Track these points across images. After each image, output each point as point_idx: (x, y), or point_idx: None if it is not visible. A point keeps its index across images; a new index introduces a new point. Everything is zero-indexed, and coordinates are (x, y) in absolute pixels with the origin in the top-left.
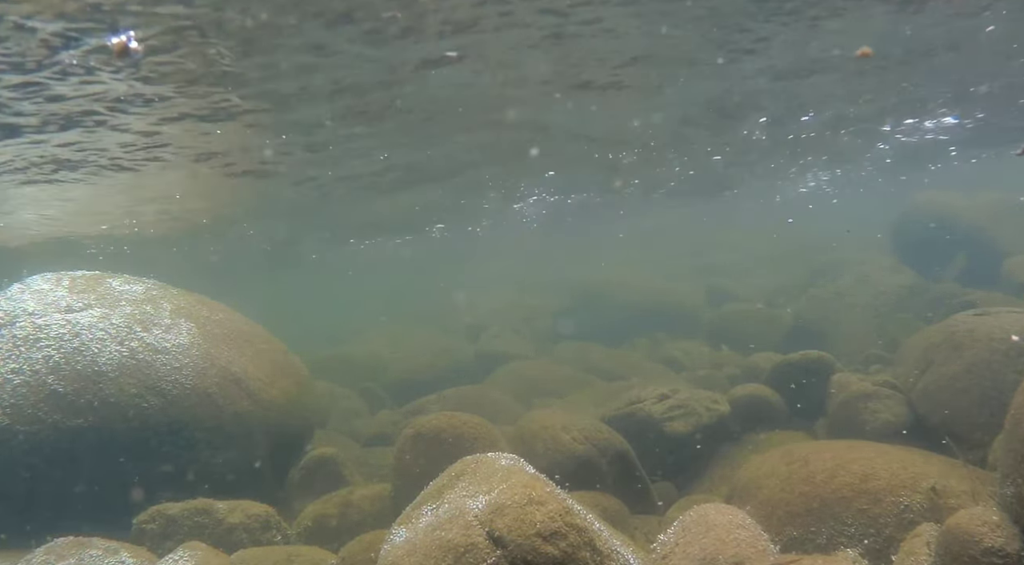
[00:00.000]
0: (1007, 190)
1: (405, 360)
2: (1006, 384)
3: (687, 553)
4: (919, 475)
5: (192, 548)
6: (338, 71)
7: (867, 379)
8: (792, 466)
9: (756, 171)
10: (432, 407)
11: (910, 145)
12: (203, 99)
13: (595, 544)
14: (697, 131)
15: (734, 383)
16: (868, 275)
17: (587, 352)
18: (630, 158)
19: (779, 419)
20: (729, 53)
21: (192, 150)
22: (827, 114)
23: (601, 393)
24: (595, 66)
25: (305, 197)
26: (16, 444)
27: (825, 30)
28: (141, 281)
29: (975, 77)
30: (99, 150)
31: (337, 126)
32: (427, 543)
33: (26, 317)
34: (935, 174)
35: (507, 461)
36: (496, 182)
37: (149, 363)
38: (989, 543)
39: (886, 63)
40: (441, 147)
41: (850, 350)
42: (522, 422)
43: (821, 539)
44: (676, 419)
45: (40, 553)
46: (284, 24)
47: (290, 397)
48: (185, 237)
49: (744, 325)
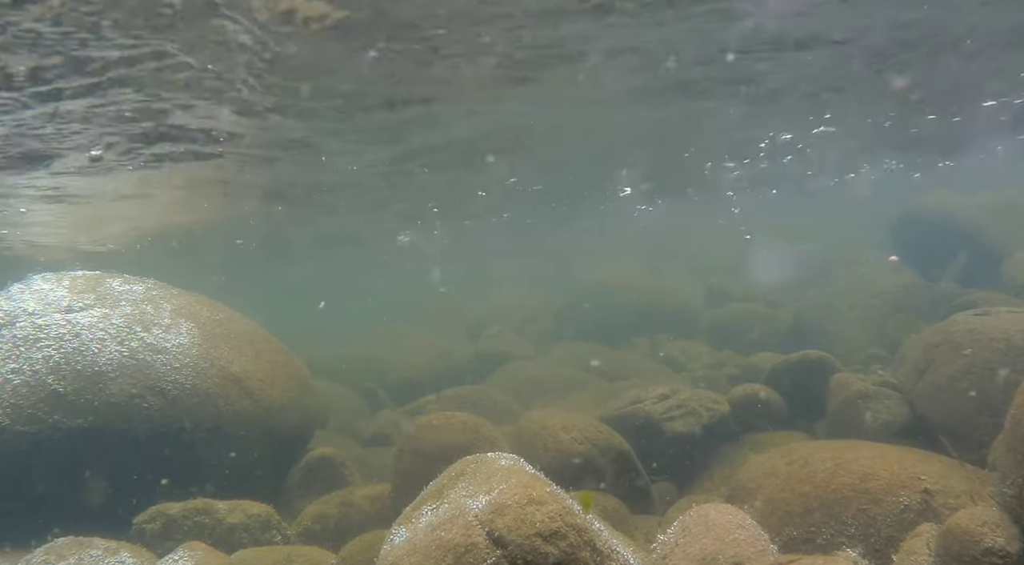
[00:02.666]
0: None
1: (405, 360)
2: (1006, 384)
3: (687, 553)
4: (919, 475)
5: (192, 548)
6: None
7: (867, 379)
8: (792, 466)
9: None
10: (432, 407)
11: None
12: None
13: (595, 544)
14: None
15: (734, 383)
16: (868, 275)
17: (587, 352)
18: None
19: (779, 419)
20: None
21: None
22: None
23: (601, 393)
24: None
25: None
26: (16, 444)
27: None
28: (141, 281)
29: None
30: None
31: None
32: (427, 543)
33: (26, 317)
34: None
35: (507, 461)
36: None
37: (149, 363)
38: (989, 543)
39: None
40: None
41: (850, 350)
42: (522, 422)
43: (821, 539)
44: (676, 419)
45: (40, 553)
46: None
47: (290, 397)
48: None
49: (744, 325)
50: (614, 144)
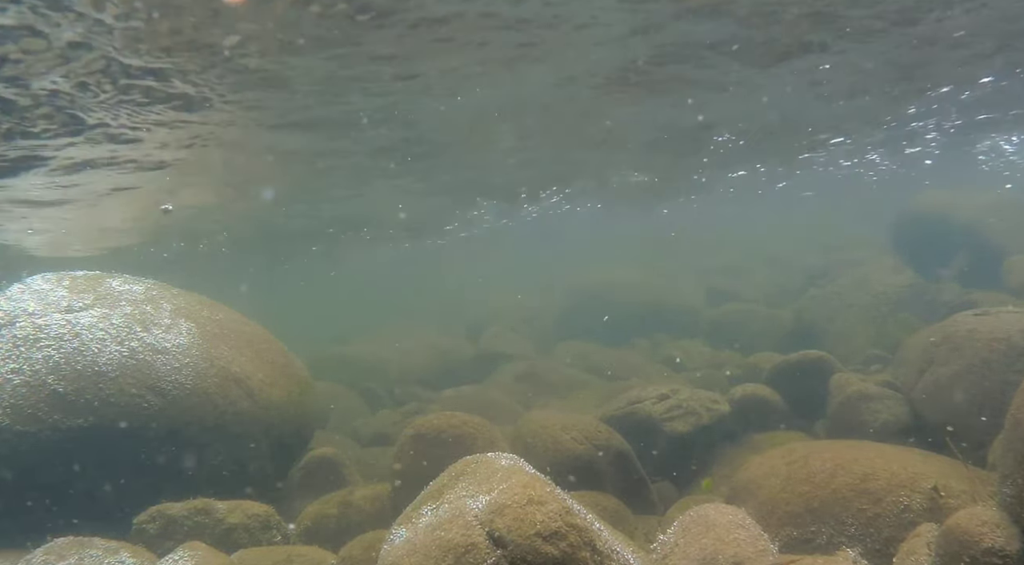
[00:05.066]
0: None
1: (405, 360)
2: (1006, 384)
3: (687, 553)
4: (919, 475)
5: (192, 548)
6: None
7: (867, 379)
8: (792, 466)
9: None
10: (432, 407)
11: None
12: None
13: (595, 544)
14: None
15: (734, 383)
16: (868, 275)
17: (587, 352)
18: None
19: (779, 419)
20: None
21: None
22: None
23: (601, 393)
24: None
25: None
26: (16, 444)
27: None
28: (141, 281)
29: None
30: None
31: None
32: (427, 543)
33: (26, 317)
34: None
35: (507, 461)
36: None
37: (149, 363)
38: (989, 543)
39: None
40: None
41: (850, 350)
42: (522, 422)
43: (821, 539)
44: (676, 419)
45: (40, 553)
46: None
47: (290, 397)
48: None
49: (744, 325)
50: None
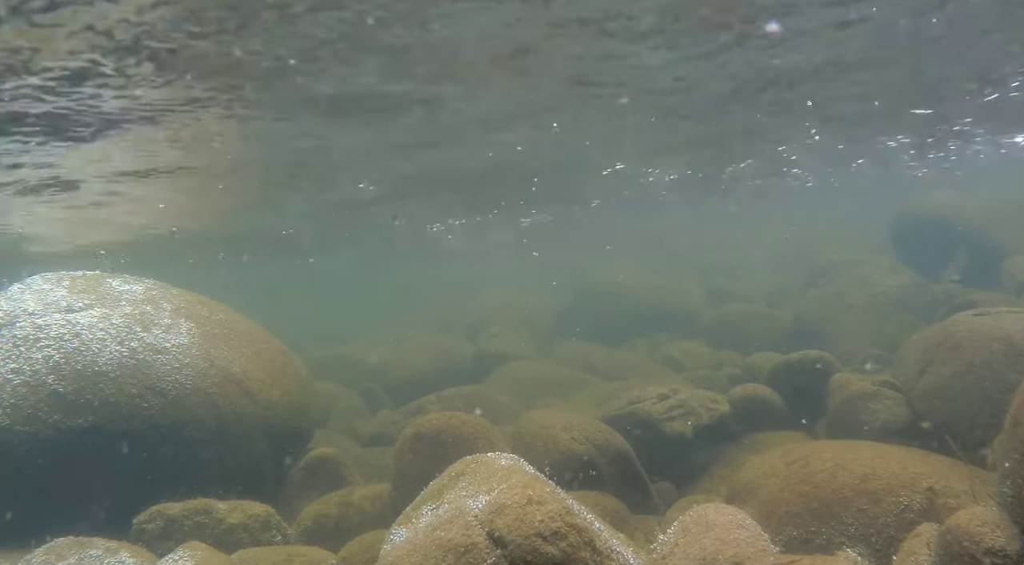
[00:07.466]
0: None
1: (405, 360)
2: (1006, 384)
3: (687, 553)
4: (919, 475)
5: (192, 548)
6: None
7: (867, 379)
8: (792, 466)
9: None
10: (432, 407)
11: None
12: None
13: (595, 544)
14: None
15: (734, 383)
16: (868, 275)
17: (587, 352)
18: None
19: (779, 419)
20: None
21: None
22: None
23: (601, 393)
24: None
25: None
26: (16, 444)
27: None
28: (141, 281)
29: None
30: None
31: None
32: (427, 543)
33: (26, 317)
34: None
35: (507, 461)
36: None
37: (149, 363)
38: (989, 543)
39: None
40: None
41: (850, 350)
42: (522, 422)
43: (821, 539)
44: (676, 419)
45: (40, 553)
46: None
47: (290, 397)
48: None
49: (744, 325)
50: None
